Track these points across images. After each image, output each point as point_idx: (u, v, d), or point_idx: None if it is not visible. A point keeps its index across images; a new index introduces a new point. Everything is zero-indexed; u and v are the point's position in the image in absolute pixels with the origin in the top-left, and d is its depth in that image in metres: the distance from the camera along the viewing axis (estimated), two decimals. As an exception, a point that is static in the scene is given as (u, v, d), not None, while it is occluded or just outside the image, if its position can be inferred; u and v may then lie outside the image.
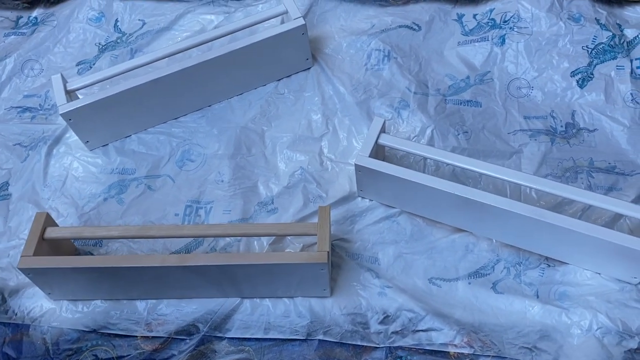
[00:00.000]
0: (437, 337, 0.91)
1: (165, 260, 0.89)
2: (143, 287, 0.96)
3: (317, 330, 0.94)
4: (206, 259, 0.89)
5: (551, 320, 0.92)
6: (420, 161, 1.08)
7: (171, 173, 1.12)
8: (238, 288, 0.95)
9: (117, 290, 0.97)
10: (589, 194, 0.91)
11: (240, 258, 0.89)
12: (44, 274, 0.91)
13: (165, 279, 0.93)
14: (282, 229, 0.93)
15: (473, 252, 1.00)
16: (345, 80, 1.18)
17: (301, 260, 0.88)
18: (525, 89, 1.15)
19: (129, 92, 1.09)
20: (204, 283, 0.93)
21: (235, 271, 0.90)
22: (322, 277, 0.91)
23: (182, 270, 0.90)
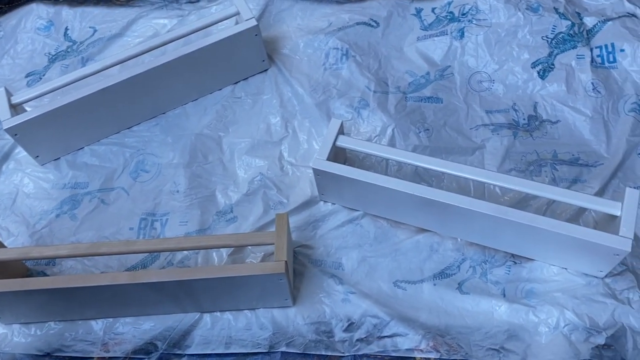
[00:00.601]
0: (402, 343, 0.89)
1: (116, 278, 0.85)
2: (98, 307, 0.92)
3: (279, 342, 0.91)
4: (159, 275, 0.85)
5: (518, 320, 0.89)
6: (382, 161, 1.05)
7: (125, 185, 1.08)
8: (197, 302, 0.92)
9: (70, 311, 0.93)
10: (552, 189, 0.89)
11: (194, 273, 0.86)
12: None
13: (121, 297, 0.89)
14: (239, 240, 0.89)
15: (438, 252, 0.97)
16: (303, 81, 1.15)
17: (258, 272, 0.85)
18: (486, 83, 1.13)
19: (78, 102, 1.04)
20: (161, 299, 0.90)
21: (192, 285, 0.86)
22: (282, 287, 0.88)
23: (137, 287, 0.86)
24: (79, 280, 0.87)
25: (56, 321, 0.94)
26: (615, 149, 1.03)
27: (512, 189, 0.89)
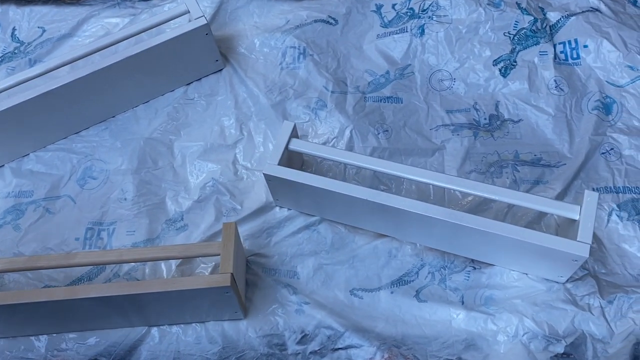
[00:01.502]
0: (357, 355, 0.85)
1: (54, 294, 0.81)
2: (39, 323, 0.87)
3: (229, 356, 0.87)
4: (100, 290, 0.81)
5: (477, 328, 0.87)
6: (340, 163, 1.02)
7: (72, 193, 1.03)
8: (143, 316, 0.88)
9: (10, 327, 0.88)
10: (511, 193, 0.85)
11: (138, 287, 0.81)
12: None
13: (62, 312, 0.85)
14: (184, 251, 0.85)
15: (397, 258, 0.94)
16: (259, 81, 1.11)
17: (204, 285, 0.81)
18: (447, 81, 1.10)
19: (23, 106, 0.99)
20: (106, 313, 0.86)
21: (138, 299, 0.82)
22: (231, 300, 0.84)
23: (79, 302, 0.82)
24: (16, 296, 0.82)
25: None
26: (578, 149, 1.00)
27: (471, 193, 0.86)
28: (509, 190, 0.86)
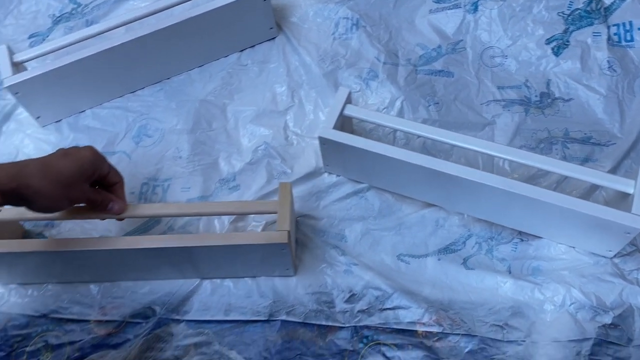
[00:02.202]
0: (404, 316, 0.87)
1: (114, 243, 0.83)
2: (95, 270, 0.90)
3: (279, 310, 0.89)
4: (159, 241, 0.83)
5: (523, 297, 0.88)
6: (389, 134, 1.03)
7: (127, 149, 1.06)
8: (197, 269, 0.90)
9: (67, 273, 0.91)
10: (564, 165, 0.86)
11: (196, 240, 0.83)
12: None
13: (119, 262, 0.88)
14: (241, 208, 0.87)
15: (443, 228, 0.95)
16: (312, 50, 1.13)
17: (261, 241, 0.83)
18: (498, 58, 1.10)
19: (81, 62, 1.02)
20: (161, 264, 0.88)
21: (193, 252, 0.85)
22: (285, 257, 0.86)
23: (136, 253, 0.84)
24: (76, 244, 0.84)
25: (53, 283, 0.93)
26: (629, 129, 1.00)
27: (523, 163, 0.87)
28: (564, 162, 0.86)
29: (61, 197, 0.73)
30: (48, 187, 0.71)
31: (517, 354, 0.84)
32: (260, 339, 0.88)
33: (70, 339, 0.90)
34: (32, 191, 0.70)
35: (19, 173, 0.69)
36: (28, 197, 0.70)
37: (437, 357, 0.83)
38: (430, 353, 0.84)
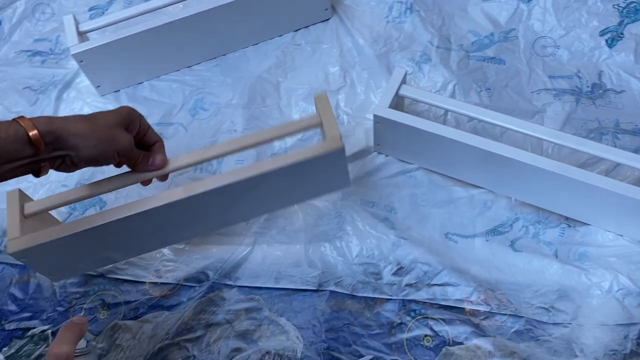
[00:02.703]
0: (453, 293, 0.89)
1: (172, 195, 0.79)
2: (154, 235, 0.90)
3: (328, 281, 0.92)
4: (216, 181, 0.79)
5: (570, 281, 0.89)
6: (439, 117, 1.05)
7: (184, 121, 1.09)
8: (259, 203, 0.87)
9: (130, 248, 0.89)
10: (617, 152, 0.86)
11: (253, 170, 0.79)
12: (42, 252, 0.78)
13: (177, 217, 0.84)
14: (285, 130, 0.83)
15: (491, 210, 0.97)
16: (365, 32, 1.15)
17: (317, 153, 0.79)
18: (550, 48, 1.11)
19: (142, 35, 1.05)
20: (224, 208, 0.85)
21: (251, 187, 0.82)
22: (341, 165, 0.84)
23: (195, 201, 0.80)
24: (136, 206, 0.79)
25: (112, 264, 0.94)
26: (681, 122, 1.01)
27: (577, 149, 0.88)
28: (617, 149, 0.87)
29: (103, 138, 0.70)
30: (89, 128, 0.69)
31: (563, 336, 0.85)
32: (309, 308, 0.90)
33: (125, 299, 0.93)
34: (72, 132, 0.67)
35: (57, 119, 0.68)
36: (70, 142, 0.68)
37: (485, 334, 0.85)
38: (478, 330, 0.85)
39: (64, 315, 0.93)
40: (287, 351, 0.87)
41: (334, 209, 0.97)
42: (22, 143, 0.64)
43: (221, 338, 0.89)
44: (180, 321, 0.90)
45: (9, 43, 1.24)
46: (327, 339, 0.87)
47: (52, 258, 0.80)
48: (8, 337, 0.92)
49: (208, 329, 0.89)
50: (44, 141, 0.65)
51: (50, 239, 0.75)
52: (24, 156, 0.65)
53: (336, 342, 0.87)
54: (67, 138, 0.67)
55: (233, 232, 0.97)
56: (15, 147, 0.64)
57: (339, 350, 0.86)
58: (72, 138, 0.68)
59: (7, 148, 0.63)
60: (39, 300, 0.94)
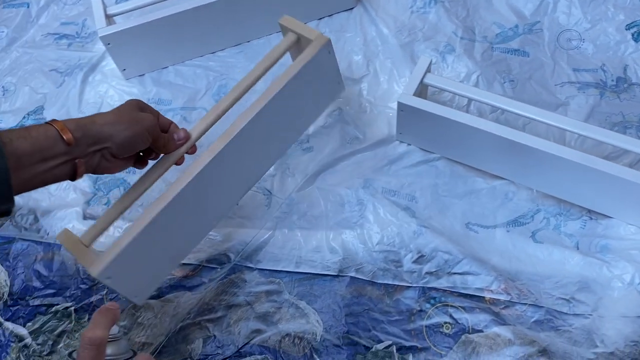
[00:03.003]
0: (473, 282, 0.89)
1: (213, 149, 0.80)
2: (211, 209, 0.85)
3: (349, 267, 0.92)
4: (240, 122, 0.82)
5: (591, 273, 0.89)
6: (462, 107, 1.05)
7: (207, 106, 1.10)
8: (278, 140, 0.90)
9: (198, 227, 0.85)
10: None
11: (267, 95, 0.84)
12: (123, 263, 0.75)
13: (221, 179, 0.83)
14: (272, 56, 0.90)
15: (512, 201, 0.97)
16: (389, 22, 1.15)
17: (306, 59, 0.85)
18: (575, 41, 1.11)
19: (167, 19, 1.06)
20: (251, 157, 0.86)
21: (267, 120, 0.85)
22: (332, 65, 0.90)
23: (230, 152, 0.82)
24: (189, 171, 0.78)
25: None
26: None
27: (601, 140, 0.87)
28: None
29: (131, 120, 0.72)
30: (114, 115, 0.71)
31: (584, 327, 0.85)
32: (329, 293, 0.91)
33: (147, 278, 0.94)
34: (100, 123, 0.69)
35: (83, 118, 0.70)
36: (103, 133, 0.69)
37: (504, 323, 0.85)
38: (498, 318, 0.86)
39: (87, 293, 0.94)
40: (307, 334, 0.87)
41: (355, 196, 0.97)
42: (53, 139, 0.65)
43: (241, 319, 0.89)
44: (202, 301, 0.91)
45: (36, 26, 1.26)
46: (347, 323, 0.88)
47: (132, 269, 0.77)
48: (32, 312, 0.93)
49: (229, 310, 0.90)
50: (73, 136, 0.66)
51: (130, 240, 0.73)
52: (58, 153, 0.66)
53: (356, 327, 0.88)
54: (99, 130, 0.69)
55: (254, 215, 0.98)
56: (48, 144, 0.65)
57: (358, 335, 0.87)
58: (103, 128, 0.69)
59: (40, 145, 0.64)
60: (63, 277, 0.95)
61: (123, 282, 0.76)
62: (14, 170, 0.62)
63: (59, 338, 0.91)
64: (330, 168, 1.01)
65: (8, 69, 1.20)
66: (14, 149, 0.62)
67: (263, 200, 0.99)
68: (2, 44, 1.24)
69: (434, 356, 0.85)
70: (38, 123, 0.67)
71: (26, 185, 0.65)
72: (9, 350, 0.91)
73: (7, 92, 1.16)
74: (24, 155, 0.63)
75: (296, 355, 0.86)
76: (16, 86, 1.17)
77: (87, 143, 0.68)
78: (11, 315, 0.94)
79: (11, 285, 0.96)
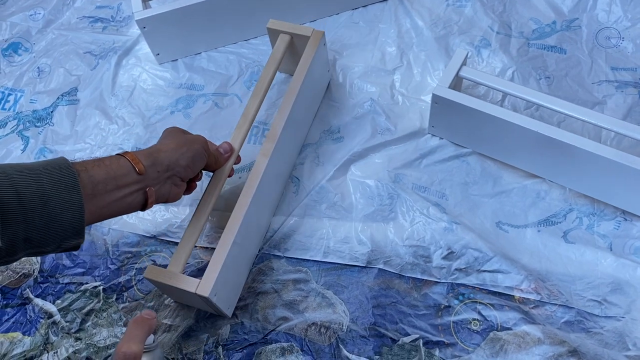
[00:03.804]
0: (503, 280, 0.88)
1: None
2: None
3: (377, 259, 0.92)
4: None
5: (624, 275, 0.87)
6: (497, 103, 1.03)
7: (239, 93, 1.10)
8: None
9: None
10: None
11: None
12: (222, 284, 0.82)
13: None
14: (274, 60, 0.97)
15: (544, 200, 0.95)
16: (424, 14, 1.14)
17: (313, 51, 0.96)
18: (614, 39, 1.08)
19: (202, 5, 1.06)
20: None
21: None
22: (325, 54, 1.01)
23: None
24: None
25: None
26: None
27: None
28: (684, 143, 0.85)
29: (188, 142, 0.78)
30: (172, 141, 0.78)
31: (616, 329, 0.83)
32: (356, 283, 0.91)
33: (175, 262, 0.95)
34: (164, 150, 0.75)
35: (149, 149, 0.75)
36: (168, 158, 0.74)
37: (534, 322, 0.84)
38: (527, 317, 0.85)
39: (115, 273, 0.95)
40: (333, 324, 0.87)
41: (385, 190, 0.97)
42: (126, 168, 0.69)
43: (268, 306, 0.90)
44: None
45: (72, 9, 1.27)
46: (374, 315, 0.87)
47: (226, 284, 0.83)
48: (62, 290, 0.94)
49: (256, 297, 0.90)
50: (144, 165, 0.70)
51: (223, 260, 0.80)
52: (131, 181, 0.69)
53: (383, 319, 0.87)
54: (165, 157, 0.74)
55: (282, 202, 0.98)
56: (121, 172, 0.68)
57: (385, 327, 0.86)
58: (168, 155, 0.75)
59: (114, 172, 0.67)
60: (92, 257, 0.96)
61: (223, 297, 0.83)
62: (89, 197, 0.63)
63: (87, 316, 0.92)
64: (360, 159, 1.01)
65: (44, 50, 1.21)
66: (89, 176, 0.64)
67: (291, 187, 0.99)
68: (39, 25, 1.25)
69: (461, 352, 0.84)
70: (72, 104, 0.69)
71: (99, 214, 0.67)
72: (38, 326, 0.92)
73: (42, 73, 1.18)
74: (99, 182, 0.65)
75: (322, 345, 0.86)
76: (51, 67, 1.18)
77: (157, 170, 0.73)
78: (41, 292, 0.95)
79: (42, 263, 0.97)
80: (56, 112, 1.11)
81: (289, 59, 1.04)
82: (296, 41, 0.99)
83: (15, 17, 1.26)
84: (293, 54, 1.02)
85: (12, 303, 0.94)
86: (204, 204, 0.85)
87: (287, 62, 1.05)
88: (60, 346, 0.90)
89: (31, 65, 1.20)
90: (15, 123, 1.12)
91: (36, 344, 0.91)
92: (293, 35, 0.98)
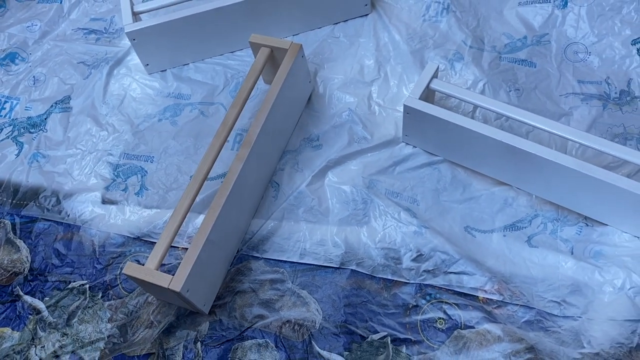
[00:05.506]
0: (468, 281, 0.93)
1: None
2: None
3: (350, 260, 0.96)
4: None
5: (583, 277, 0.92)
6: (468, 114, 1.09)
7: (224, 102, 1.16)
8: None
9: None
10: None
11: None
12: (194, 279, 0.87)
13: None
14: (253, 74, 1.03)
15: (511, 206, 1.00)
16: (401, 29, 1.19)
17: (290, 63, 1.01)
18: (582, 54, 1.14)
19: (190, 18, 1.12)
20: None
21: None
22: (304, 66, 1.07)
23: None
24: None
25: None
26: None
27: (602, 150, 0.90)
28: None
29: None
30: None
31: (572, 328, 0.88)
32: (330, 284, 0.95)
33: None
34: None
35: None
36: None
37: (495, 321, 0.89)
38: (489, 316, 0.89)
39: (101, 272, 1.00)
40: (307, 321, 0.92)
41: (360, 195, 1.02)
42: None
43: (245, 305, 0.94)
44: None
45: (67, 21, 1.33)
46: (345, 313, 0.92)
47: (200, 281, 0.88)
48: (50, 288, 0.99)
49: (234, 296, 0.95)
50: None
51: (195, 257, 0.85)
52: None
53: (353, 317, 0.92)
54: None
55: (262, 206, 1.03)
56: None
57: (355, 325, 0.91)
58: None
59: None
60: (80, 256, 1.01)
61: (197, 293, 0.88)
62: None
63: (74, 313, 0.97)
64: (337, 166, 1.06)
65: (39, 60, 1.27)
66: None
67: (271, 192, 1.04)
68: (35, 36, 1.31)
69: (427, 349, 0.89)
70: (65, 111, 0.73)
71: None
72: (26, 321, 0.97)
73: (37, 82, 1.23)
74: None
75: (295, 341, 0.91)
76: (46, 76, 1.24)
77: None
78: (30, 289, 1.00)
79: (32, 262, 1.02)
80: (50, 119, 1.17)
81: (270, 71, 1.09)
82: (276, 54, 1.04)
83: (13, 29, 1.32)
84: (274, 65, 1.07)
85: (3, 300, 0.99)
86: (181, 205, 0.90)
87: (270, 73, 1.10)
88: (47, 341, 0.94)
89: (27, 74, 1.25)
90: (11, 129, 1.18)
91: (24, 339, 0.95)
92: (273, 48, 1.04)
